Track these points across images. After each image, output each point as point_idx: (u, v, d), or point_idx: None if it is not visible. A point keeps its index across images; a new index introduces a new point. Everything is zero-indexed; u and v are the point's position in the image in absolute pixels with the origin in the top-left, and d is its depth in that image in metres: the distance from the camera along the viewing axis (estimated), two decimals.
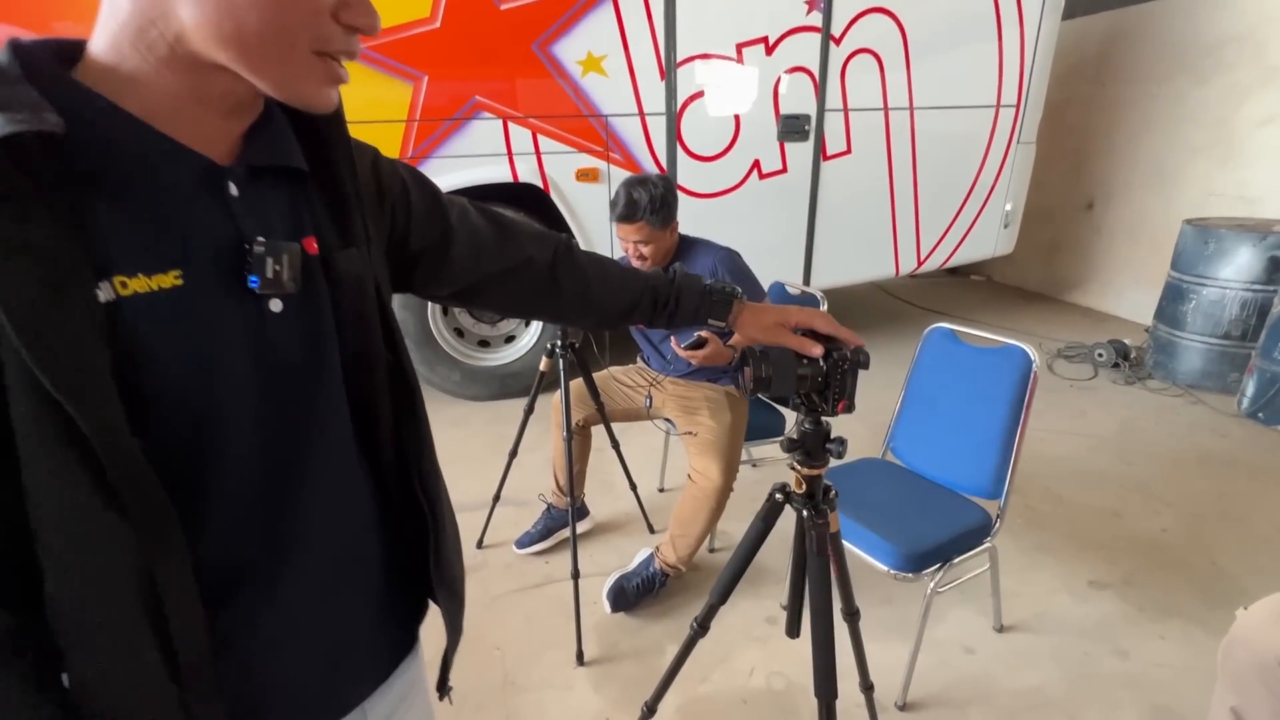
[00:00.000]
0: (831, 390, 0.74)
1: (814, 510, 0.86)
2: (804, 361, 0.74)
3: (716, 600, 1.02)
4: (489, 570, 1.95)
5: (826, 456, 0.81)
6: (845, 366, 0.73)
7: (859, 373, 0.74)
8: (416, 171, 0.67)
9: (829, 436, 0.81)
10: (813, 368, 0.74)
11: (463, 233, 0.68)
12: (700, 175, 2.96)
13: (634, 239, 1.64)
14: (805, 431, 0.80)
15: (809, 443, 0.81)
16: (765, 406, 2.06)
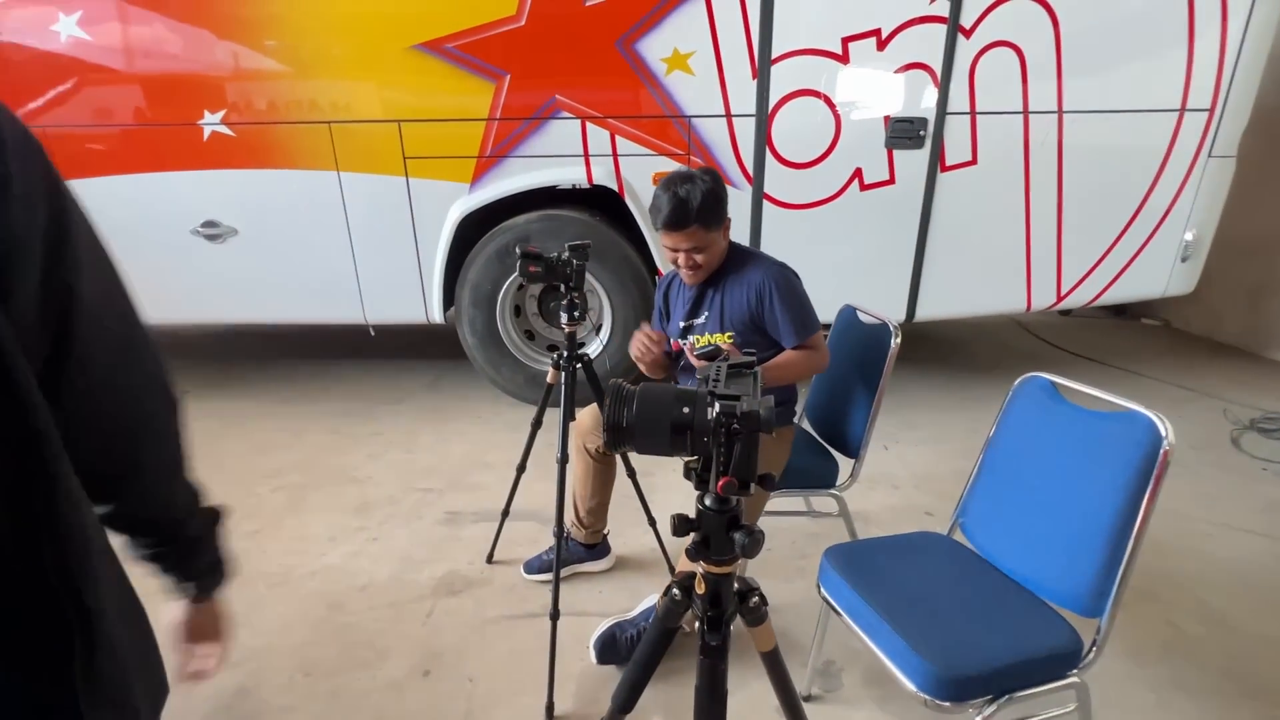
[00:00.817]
0: (715, 456, 0.50)
1: (709, 623, 0.61)
2: (684, 410, 0.51)
3: (617, 711, 0.78)
4: (490, 589, 1.82)
5: (733, 550, 0.56)
6: (733, 425, 0.49)
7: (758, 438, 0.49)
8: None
9: (736, 521, 0.56)
10: (697, 416, 0.50)
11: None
12: (790, 184, 2.67)
13: (686, 246, 1.45)
14: (702, 511, 0.56)
15: (706, 527, 0.57)
16: (817, 448, 1.75)
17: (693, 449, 0.51)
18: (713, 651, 0.60)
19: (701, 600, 0.62)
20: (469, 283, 2.87)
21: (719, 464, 0.50)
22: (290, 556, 1.97)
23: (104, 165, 2.76)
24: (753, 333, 1.52)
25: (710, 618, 0.61)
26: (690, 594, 0.64)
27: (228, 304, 3.01)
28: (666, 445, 0.52)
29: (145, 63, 2.62)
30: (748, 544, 0.54)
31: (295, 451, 2.65)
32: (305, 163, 2.71)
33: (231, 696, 1.47)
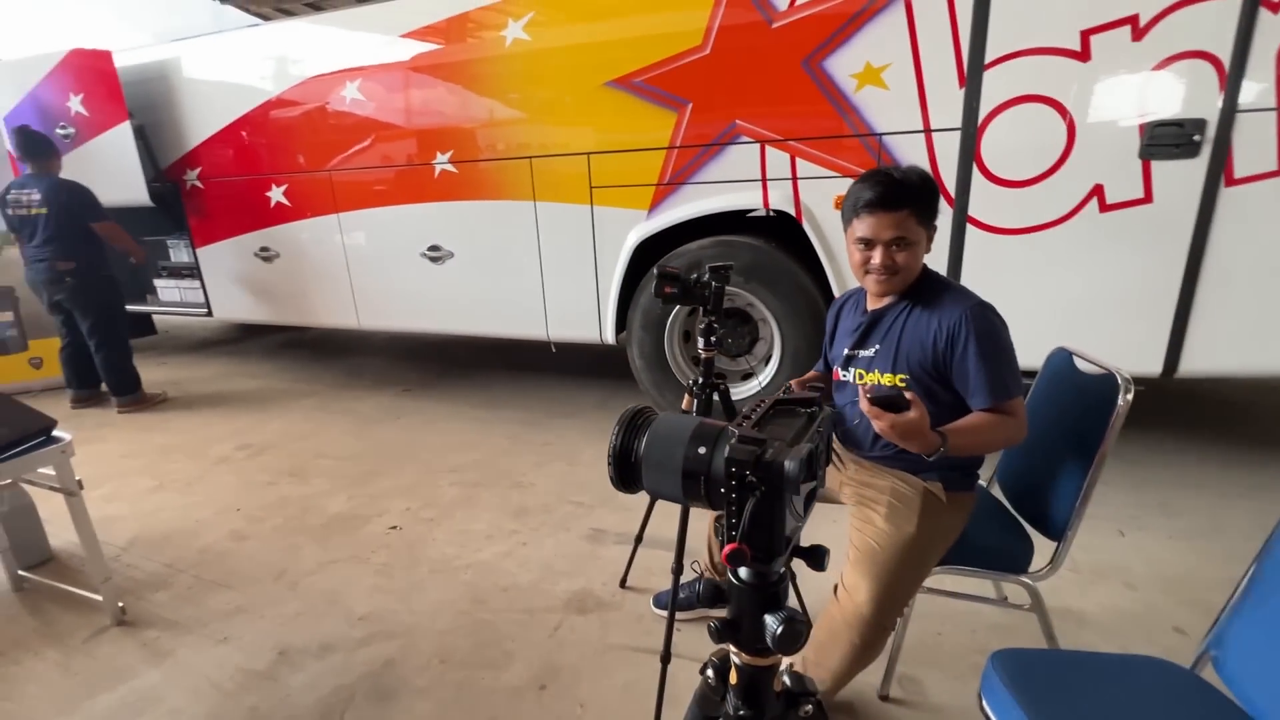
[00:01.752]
0: (726, 511, 0.38)
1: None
2: (699, 451, 0.40)
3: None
4: (618, 615, 1.79)
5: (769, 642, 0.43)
6: (746, 476, 0.36)
7: (782, 498, 0.35)
8: None
9: (776, 602, 0.42)
10: (714, 460, 0.39)
11: None
12: (1002, 206, 2.29)
13: (889, 236, 1.21)
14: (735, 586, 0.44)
15: (737, 604, 0.44)
16: (1009, 522, 1.42)
17: (709, 500, 0.41)
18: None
19: (733, 694, 0.49)
20: (640, 306, 2.93)
21: (728, 524, 0.39)
22: (452, 547, 2.15)
23: (364, 200, 3.39)
24: (931, 380, 1.26)
25: (741, 717, 0.47)
26: (726, 681, 0.52)
27: (443, 317, 3.46)
28: (678, 491, 0.42)
29: (401, 117, 3.17)
30: (781, 635, 0.41)
31: (477, 452, 2.93)
32: (509, 194, 3.03)
33: (381, 665, 1.62)
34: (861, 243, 1.26)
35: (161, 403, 3.82)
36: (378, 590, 1.93)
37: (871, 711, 1.44)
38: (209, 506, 2.51)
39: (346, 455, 2.95)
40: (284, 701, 1.52)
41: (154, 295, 4.45)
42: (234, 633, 1.77)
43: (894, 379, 1.28)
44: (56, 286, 3.46)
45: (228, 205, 3.83)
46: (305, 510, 2.45)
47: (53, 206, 3.39)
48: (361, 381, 4.11)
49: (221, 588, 1.97)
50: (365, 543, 2.20)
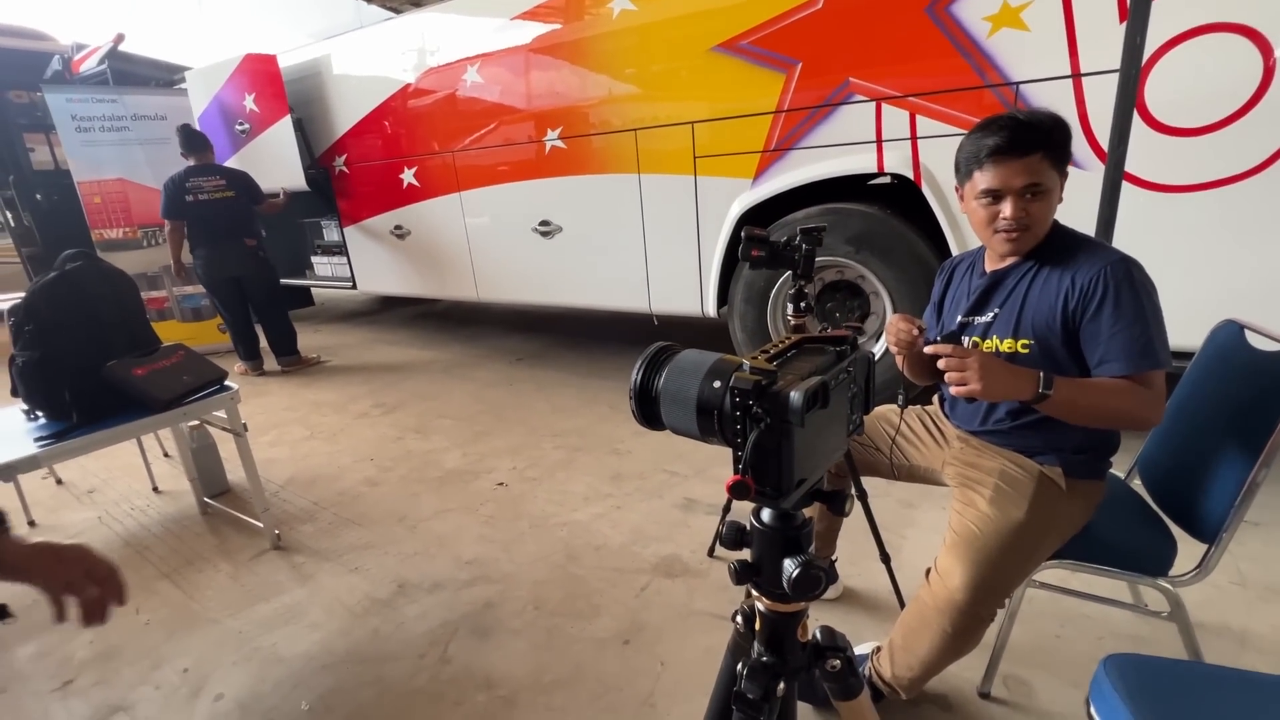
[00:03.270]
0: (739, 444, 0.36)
1: (753, 671, 0.44)
2: (714, 385, 0.38)
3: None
4: (704, 582, 1.80)
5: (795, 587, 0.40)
6: (751, 406, 0.34)
7: (788, 431, 0.32)
8: None
9: (796, 546, 0.40)
10: (724, 395, 0.37)
11: None
12: (1166, 158, 1.96)
13: (1021, 183, 1.07)
14: (756, 528, 0.41)
15: (756, 547, 0.42)
16: (1149, 517, 1.25)
17: (723, 436, 0.39)
18: (749, 706, 0.45)
19: (758, 640, 0.47)
20: (743, 279, 2.87)
21: (734, 457, 0.37)
22: (551, 505, 2.27)
23: (482, 179, 3.59)
24: (1059, 348, 1.11)
25: (762, 664, 0.46)
26: (753, 628, 0.50)
27: (552, 289, 3.61)
28: (694, 425, 0.41)
29: (513, 97, 3.31)
30: (796, 579, 0.39)
31: (579, 418, 3.05)
32: (614, 168, 3.07)
33: (482, 606, 1.76)
34: (988, 196, 1.12)
35: (316, 364, 4.34)
36: (483, 539, 2.09)
37: (969, 709, 1.34)
38: (349, 455, 2.84)
39: (463, 416, 3.19)
40: (400, 627, 1.70)
41: (311, 271, 5.05)
42: (363, 565, 1.99)
43: (1015, 345, 1.15)
44: (246, 262, 4.01)
45: (368, 188, 4.22)
46: (426, 464, 2.69)
47: (239, 190, 3.94)
48: (480, 350, 4.40)
49: (355, 525, 2.23)
50: (475, 496, 2.38)
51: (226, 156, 4.47)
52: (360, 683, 1.51)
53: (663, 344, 0.46)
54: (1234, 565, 1.68)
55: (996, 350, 1.18)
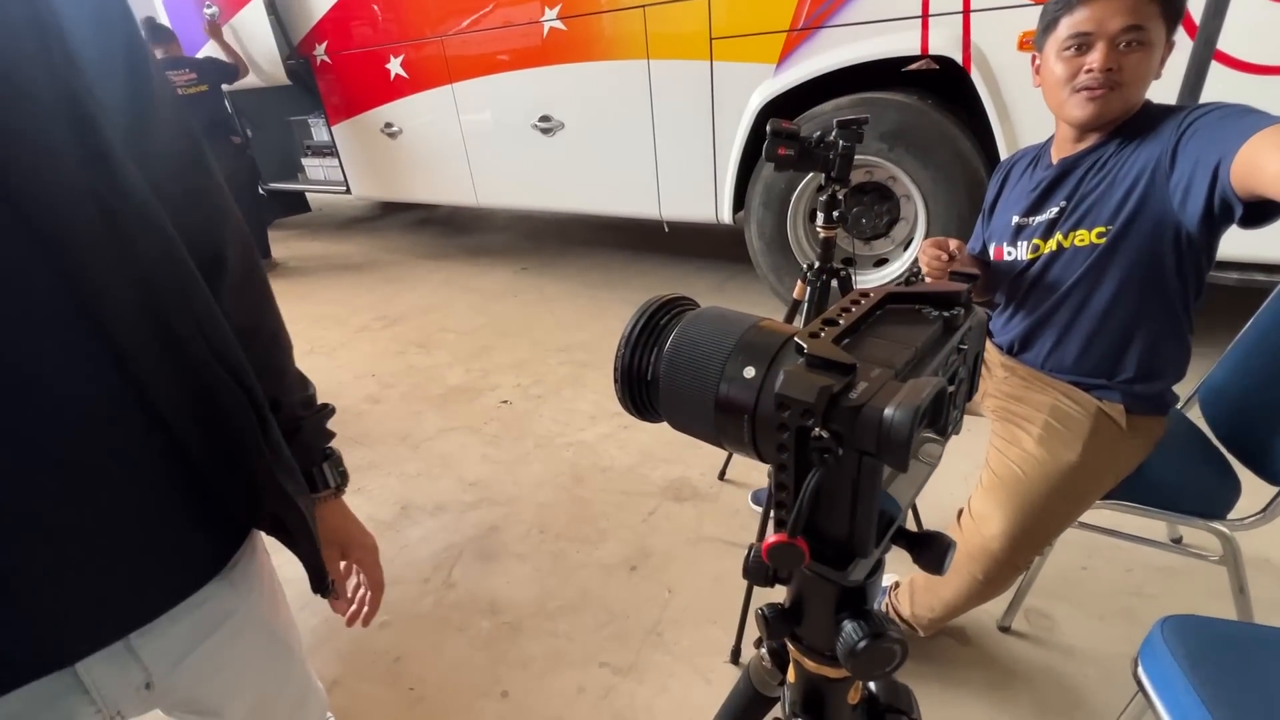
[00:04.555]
0: (776, 477, 0.23)
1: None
2: (745, 374, 0.24)
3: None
4: (714, 507, 1.74)
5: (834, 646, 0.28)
6: (814, 433, 0.20)
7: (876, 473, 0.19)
8: None
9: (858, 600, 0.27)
10: (764, 393, 0.23)
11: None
12: (1268, 34, 1.66)
13: (1121, 24, 0.87)
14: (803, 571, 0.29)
15: (801, 591, 0.29)
16: (1208, 453, 1.13)
17: (756, 449, 0.26)
18: None
19: (791, 694, 0.36)
20: (762, 181, 2.62)
21: (775, 501, 0.24)
22: (557, 425, 2.20)
23: (475, 68, 3.25)
24: (1157, 224, 0.91)
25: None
26: (784, 669, 0.39)
27: (555, 194, 3.36)
28: (711, 429, 0.27)
29: None
30: (861, 654, 0.27)
31: (586, 332, 2.92)
32: (620, 53, 2.74)
33: (486, 530, 1.72)
34: (1075, 42, 0.91)
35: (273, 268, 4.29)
36: (487, 460, 2.04)
37: (988, 642, 1.29)
38: (350, 370, 2.76)
39: (467, 330, 3.08)
40: (403, 550, 1.67)
41: (303, 174, 4.77)
42: (366, 485, 1.96)
43: (1092, 235, 0.97)
44: (230, 161, 3.78)
45: (353, 80, 3.87)
46: (428, 380, 2.61)
47: (211, 81, 3.64)
48: (483, 259, 4.22)
49: (358, 445, 2.18)
50: (479, 414, 2.31)
51: (198, 48, 4.10)
52: None
53: (666, 297, 0.32)
54: None
55: (1059, 246, 1.00)
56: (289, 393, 0.64)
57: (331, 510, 0.68)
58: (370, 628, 1.40)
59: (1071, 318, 1.04)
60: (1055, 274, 1.03)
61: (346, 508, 0.71)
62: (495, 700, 1.26)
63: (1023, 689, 1.20)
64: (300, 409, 0.65)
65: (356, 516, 0.72)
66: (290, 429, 0.63)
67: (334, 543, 0.69)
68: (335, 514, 0.69)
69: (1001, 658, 1.26)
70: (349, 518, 0.71)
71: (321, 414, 0.68)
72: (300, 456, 0.63)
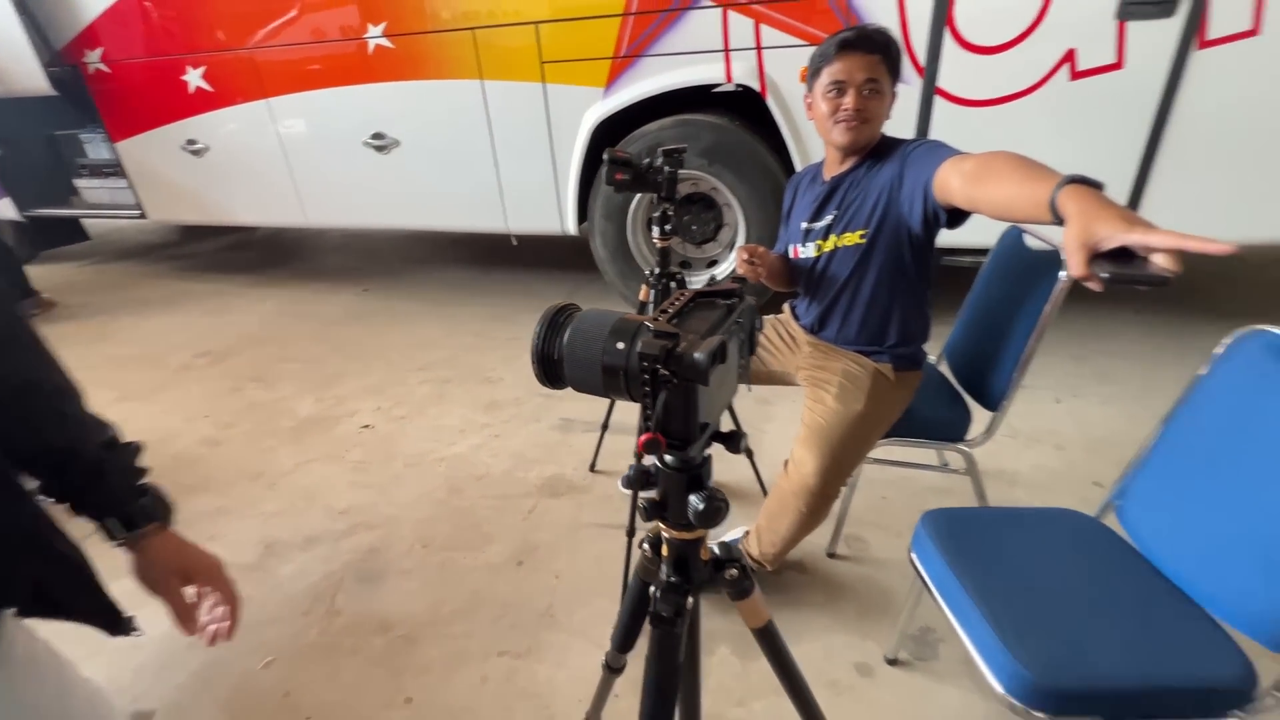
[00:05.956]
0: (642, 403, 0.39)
1: (666, 589, 0.52)
2: (618, 346, 0.41)
3: (616, 650, 0.74)
4: (590, 496, 1.89)
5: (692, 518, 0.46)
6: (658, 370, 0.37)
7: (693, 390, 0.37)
8: None
9: (698, 483, 0.45)
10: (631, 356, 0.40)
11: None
12: (972, 75, 2.19)
13: (864, 77, 1.18)
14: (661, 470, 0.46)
15: (664, 486, 0.47)
16: (951, 395, 1.50)
17: (629, 393, 0.42)
18: (662, 623, 0.52)
19: (665, 564, 0.54)
20: (601, 195, 2.83)
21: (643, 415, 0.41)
22: (426, 443, 2.21)
23: (294, 83, 3.09)
24: (896, 226, 1.23)
25: (671, 585, 0.52)
26: (659, 553, 0.57)
27: (394, 210, 3.30)
28: (600, 385, 0.43)
29: None
30: (703, 512, 0.44)
31: (443, 349, 2.93)
32: (453, 72, 2.79)
33: (365, 553, 1.72)
34: (834, 88, 1.21)
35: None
36: (356, 485, 2.00)
37: (821, 567, 1.59)
38: (178, 414, 2.51)
39: (311, 359, 2.92)
40: (276, 589, 1.61)
41: (77, 197, 4.14)
42: (219, 531, 1.83)
43: (855, 237, 1.28)
44: None
45: (142, 92, 3.46)
46: (275, 414, 2.46)
47: None
48: (320, 283, 3.98)
49: (200, 491, 2.02)
50: (339, 442, 2.25)
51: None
52: (240, 652, 1.44)
53: (560, 304, 0.46)
54: (1007, 422, 2.08)
55: (835, 246, 1.30)
56: (85, 440, 0.63)
57: (162, 542, 0.67)
58: (252, 669, 1.37)
59: (850, 301, 1.34)
60: (835, 268, 1.33)
61: (178, 536, 0.69)
62: (400, 708, 1.30)
63: (849, 598, 1.50)
64: (101, 451, 0.63)
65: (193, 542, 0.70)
66: (93, 474, 0.62)
67: (173, 572, 0.67)
68: (167, 545, 0.67)
69: (832, 578, 1.56)
70: (183, 545, 0.69)
71: (127, 452, 0.66)
72: (109, 498, 0.63)
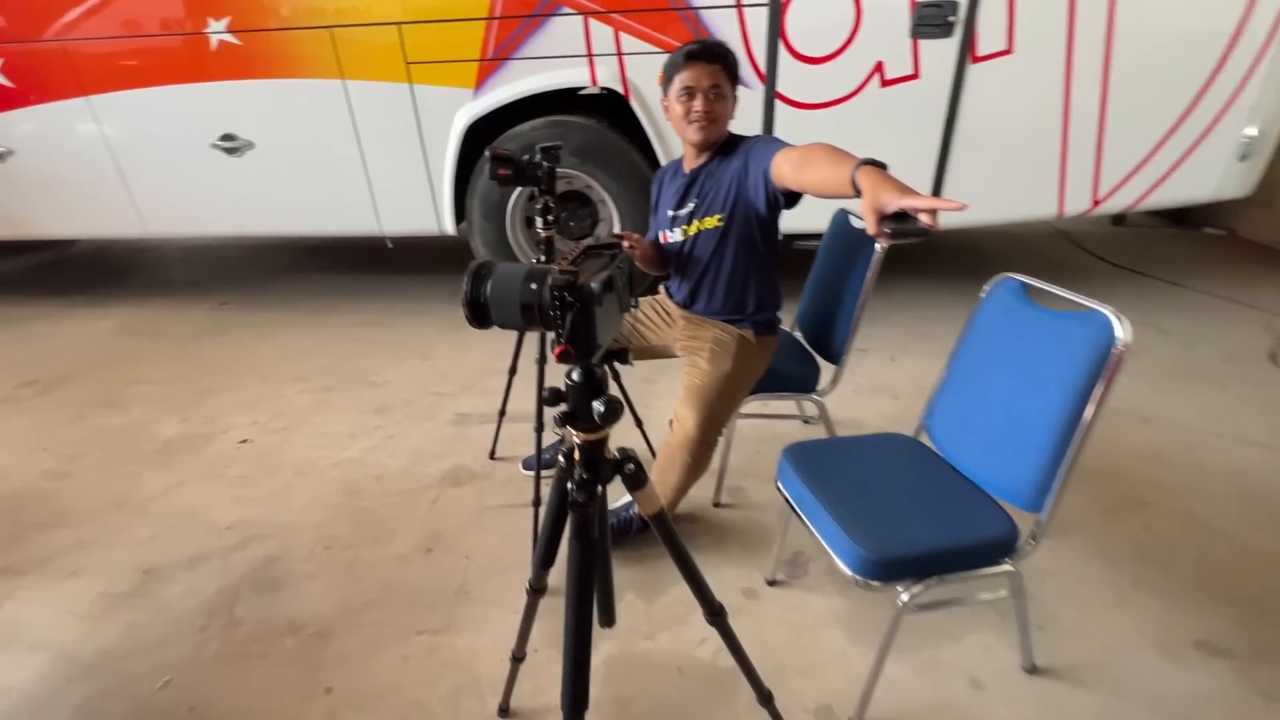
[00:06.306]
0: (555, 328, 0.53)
1: (579, 484, 0.67)
2: (531, 287, 0.54)
3: (540, 566, 0.88)
4: (491, 482, 1.97)
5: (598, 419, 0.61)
6: (566, 297, 0.52)
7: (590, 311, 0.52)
8: None
9: (598, 391, 0.60)
10: (543, 293, 0.53)
11: None
12: (805, 81, 2.52)
13: (709, 83, 1.39)
14: (568, 384, 0.60)
15: (571, 398, 0.61)
16: (804, 354, 1.76)
17: (544, 324, 0.55)
18: (579, 507, 0.66)
19: (578, 467, 0.68)
20: (479, 194, 2.88)
21: (557, 335, 0.54)
22: (315, 450, 2.16)
23: (121, 79, 2.82)
24: (746, 209, 1.44)
25: (585, 479, 0.67)
26: (573, 460, 0.70)
27: (251, 217, 3.12)
28: (520, 319, 0.55)
29: None
30: (605, 412, 0.59)
31: (320, 358, 2.83)
32: (312, 71, 2.71)
33: (263, 562, 1.68)
34: (685, 93, 1.41)
35: None
36: (241, 500, 1.92)
37: (708, 516, 1.80)
38: (4, 452, 2.23)
39: (170, 379, 2.70)
40: (163, 610, 1.54)
41: None
42: (83, 565, 1.69)
43: (714, 220, 1.48)
44: None
45: None
46: (133, 438, 2.26)
47: None
48: (166, 298, 3.64)
49: (55, 526, 1.84)
50: (215, 460, 2.13)
51: None
52: (129, 677, 1.37)
53: (479, 261, 0.58)
54: (853, 379, 2.44)
55: (698, 230, 1.50)
56: None
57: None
58: (149, 692, 1.32)
59: (714, 278, 1.55)
60: (699, 249, 1.53)
61: None
62: (320, 699, 1.31)
63: (734, 538, 1.71)
64: None
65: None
66: None
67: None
68: None
69: (718, 523, 1.77)
70: None
71: None
72: None
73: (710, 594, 0.89)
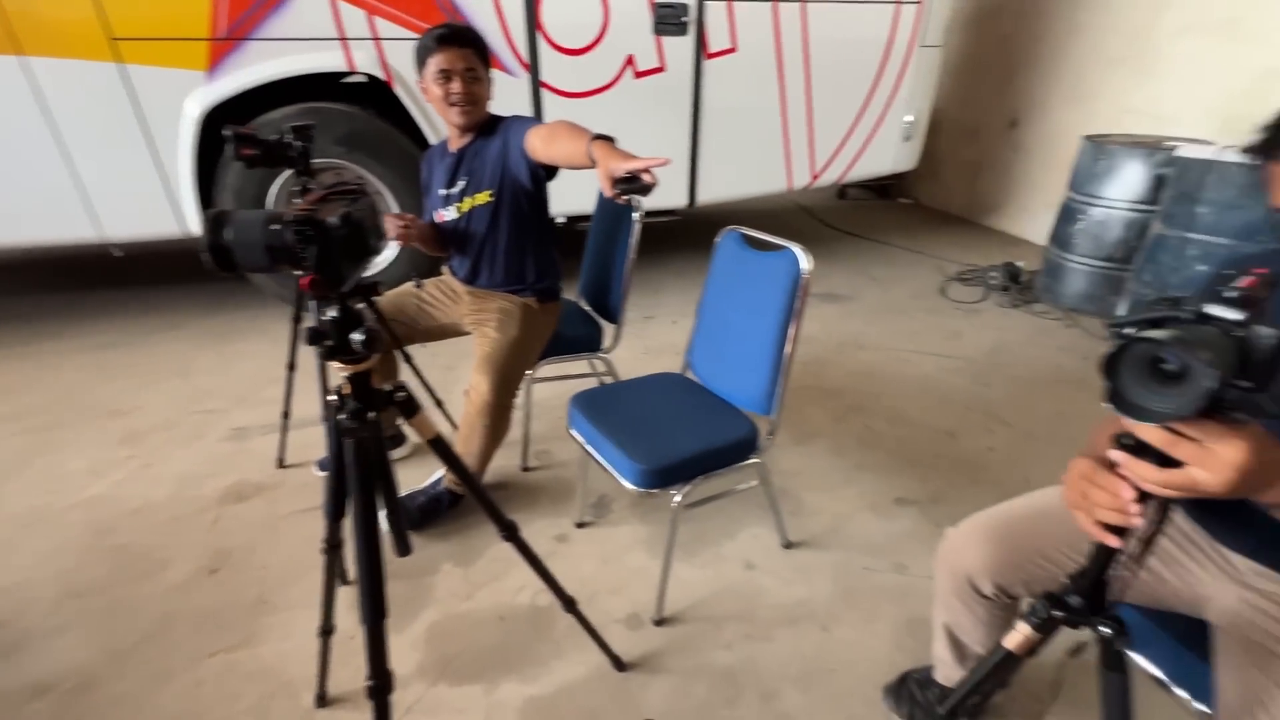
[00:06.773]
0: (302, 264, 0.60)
1: (353, 414, 0.73)
2: (273, 228, 0.59)
3: (331, 520, 0.92)
4: (283, 490, 1.84)
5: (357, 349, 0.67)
6: (307, 232, 0.58)
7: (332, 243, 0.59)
8: None
9: (358, 322, 0.67)
10: (286, 234, 0.59)
11: None
12: (567, 71, 2.69)
13: (463, 66, 1.45)
14: (329, 321, 0.66)
15: (332, 334, 0.67)
16: (588, 319, 1.93)
17: (289, 261, 0.60)
18: (353, 431, 0.73)
19: (350, 400, 0.73)
20: (229, 187, 2.59)
21: (303, 268, 0.60)
22: (42, 496, 1.81)
23: None
24: (513, 183, 1.53)
25: (359, 409, 0.73)
26: (343, 396, 0.76)
27: None
28: (266, 261, 0.60)
29: None
30: (364, 340, 0.65)
31: (39, 394, 2.35)
32: None
33: None
34: (441, 76, 1.46)
35: None
36: None
37: (518, 480, 1.89)
38: None
39: None
40: None
41: None
42: None
43: (485, 196, 1.56)
44: None
45: None
46: None
47: None
48: None
49: None
50: None
51: None
52: None
53: (216, 210, 0.59)
54: (641, 343, 2.70)
55: (471, 206, 1.57)
56: None
57: None
58: None
59: (492, 251, 1.63)
60: (475, 225, 1.60)
61: None
62: None
63: (544, 495, 1.83)
64: None
65: None
66: None
67: None
68: None
69: (528, 485, 1.87)
70: None
71: None
72: None
73: (501, 514, 0.99)
